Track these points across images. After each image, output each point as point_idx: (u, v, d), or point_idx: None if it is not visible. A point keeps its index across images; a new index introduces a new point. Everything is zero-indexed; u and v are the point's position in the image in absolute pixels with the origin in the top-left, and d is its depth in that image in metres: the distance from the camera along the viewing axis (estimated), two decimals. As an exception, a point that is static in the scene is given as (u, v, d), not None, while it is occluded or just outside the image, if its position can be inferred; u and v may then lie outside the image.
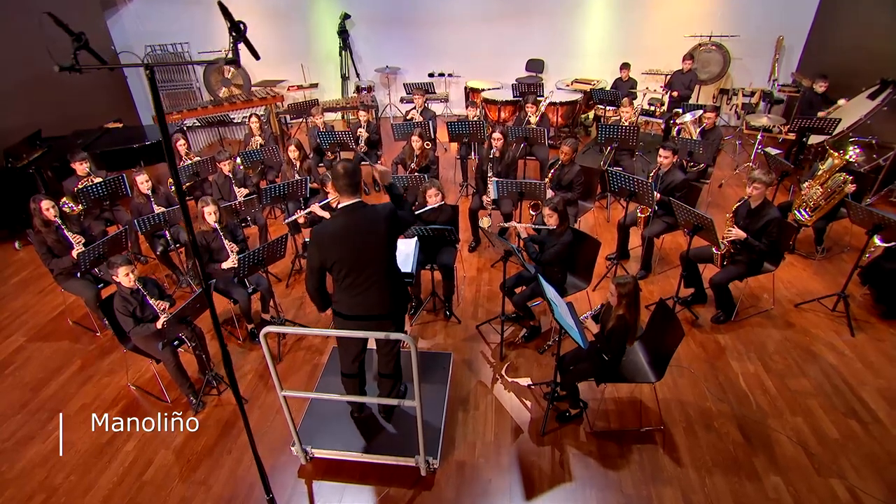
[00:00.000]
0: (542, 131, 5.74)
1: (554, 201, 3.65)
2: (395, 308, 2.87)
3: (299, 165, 5.21)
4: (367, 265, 2.70)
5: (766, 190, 3.78)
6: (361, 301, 2.77)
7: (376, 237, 2.66)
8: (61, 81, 7.09)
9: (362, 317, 2.80)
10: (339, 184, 2.60)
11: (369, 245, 2.66)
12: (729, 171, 6.77)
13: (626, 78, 7.55)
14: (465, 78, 9.10)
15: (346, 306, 2.83)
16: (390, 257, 2.78)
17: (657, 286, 4.66)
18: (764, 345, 3.93)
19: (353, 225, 2.62)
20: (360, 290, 2.74)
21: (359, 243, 2.64)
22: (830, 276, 4.69)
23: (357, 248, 2.65)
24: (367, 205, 2.67)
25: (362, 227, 2.63)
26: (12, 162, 5.78)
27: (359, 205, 2.63)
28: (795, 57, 7.92)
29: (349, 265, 2.67)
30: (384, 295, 2.78)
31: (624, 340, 2.98)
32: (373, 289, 2.74)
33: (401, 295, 2.91)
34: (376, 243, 2.67)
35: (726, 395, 3.51)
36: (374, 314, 2.80)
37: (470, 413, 3.46)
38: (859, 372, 3.65)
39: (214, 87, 8.83)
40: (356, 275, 2.70)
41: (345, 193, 2.61)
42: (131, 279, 3.38)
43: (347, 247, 2.63)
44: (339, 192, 2.64)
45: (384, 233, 2.67)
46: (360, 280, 2.71)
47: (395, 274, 2.84)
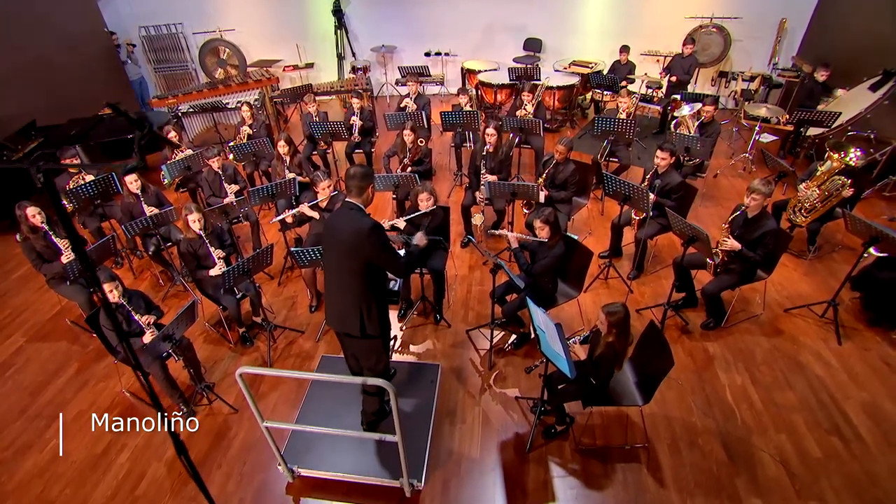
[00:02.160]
0: (537, 122, 5.34)
1: (545, 213, 3.36)
2: (356, 328, 2.66)
3: (289, 161, 4.87)
4: (331, 265, 2.68)
5: (764, 201, 3.47)
6: (327, 297, 2.74)
7: (338, 242, 2.57)
8: (55, 67, 6.68)
9: (339, 333, 2.76)
10: (348, 182, 2.58)
11: (334, 245, 2.62)
12: (725, 160, 6.39)
13: (624, 61, 7.05)
14: (462, 57, 8.58)
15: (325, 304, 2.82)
16: (353, 270, 2.57)
17: (649, 287, 4.43)
18: (752, 354, 3.73)
19: (336, 218, 2.64)
20: (328, 286, 2.72)
21: (330, 239, 2.64)
22: (821, 277, 4.43)
23: (328, 243, 2.66)
24: (356, 210, 2.57)
25: (338, 225, 2.58)
26: (7, 155, 5.45)
27: (349, 206, 2.57)
28: (797, 40, 7.34)
29: (325, 257, 2.75)
30: (340, 304, 2.66)
31: (612, 368, 2.78)
32: (332, 289, 2.69)
33: (363, 315, 2.65)
34: (338, 248, 2.59)
35: (712, 409, 3.34)
36: (336, 328, 2.76)
37: (457, 426, 3.30)
38: (844, 384, 3.47)
39: (210, 69, 8.33)
40: (326, 270, 2.72)
41: (350, 193, 2.59)
42: (115, 295, 3.17)
43: (327, 238, 2.65)
44: (346, 190, 2.61)
45: (346, 242, 2.53)
46: (328, 277, 2.71)
47: (357, 290, 2.61)
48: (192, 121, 6.94)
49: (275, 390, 3.64)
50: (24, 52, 6.33)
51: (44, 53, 6.56)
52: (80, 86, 7.02)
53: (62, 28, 6.88)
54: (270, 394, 3.62)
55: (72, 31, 7.03)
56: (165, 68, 8.48)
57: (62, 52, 6.83)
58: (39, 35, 6.55)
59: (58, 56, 6.75)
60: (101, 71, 7.47)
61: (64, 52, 6.85)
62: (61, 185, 4.80)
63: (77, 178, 4.78)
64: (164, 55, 8.39)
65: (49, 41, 6.66)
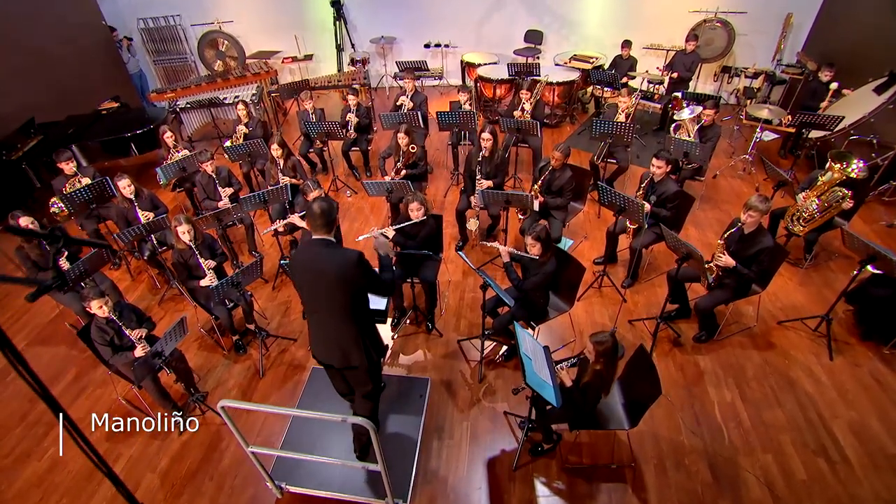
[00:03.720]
0: (534, 124, 5.14)
1: (536, 230, 3.23)
2: (360, 360, 2.58)
3: (283, 164, 4.73)
4: (319, 305, 2.52)
5: (760, 217, 3.32)
6: (322, 340, 2.59)
7: (327, 281, 2.41)
8: (53, 61, 6.48)
9: (328, 365, 2.61)
10: (313, 222, 2.39)
11: (321, 286, 2.44)
12: (725, 160, 6.17)
13: (626, 56, 6.76)
14: (462, 49, 8.28)
15: (313, 342, 2.65)
16: (346, 305, 2.47)
17: (643, 296, 4.31)
18: (743, 369, 3.63)
19: (312, 261, 2.43)
20: (319, 327, 2.57)
21: (312, 281, 2.46)
22: (816, 287, 4.30)
23: (311, 285, 2.48)
24: (332, 246, 2.43)
25: (318, 265, 2.41)
26: (6, 154, 5.32)
27: (324, 243, 2.40)
28: (803, 36, 6.98)
29: (307, 298, 2.55)
30: (341, 342, 2.53)
31: (599, 395, 2.69)
32: (328, 330, 2.53)
33: (365, 345, 2.58)
34: (327, 287, 2.43)
35: (700, 427, 3.26)
36: (337, 365, 2.59)
37: (445, 442, 3.25)
38: (833, 403, 3.38)
39: (209, 61, 8.09)
40: (313, 311, 2.55)
41: (317, 231, 2.41)
42: (105, 311, 3.09)
43: (306, 280, 2.48)
44: (311, 229, 2.43)
45: (334, 279, 2.38)
46: (319, 318, 2.55)
47: (358, 316, 2.53)
48: (191, 116, 6.76)
49: (266, 400, 3.60)
50: (21, 47, 6.13)
51: (41, 47, 6.35)
52: (79, 80, 6.83)
53: (59, 21, 6.65)
54: (263, 403, 3.58)
55: (69, 24, 6.79)
56: (165, 60, 8.24)
57: (60, 45, 6.61)
58: (36, 28, 6.34)
59: (56, 50, 6.54)
60: (99, 64, 7.25)
61: (61, 45, 6.64)
62: (57, 187, 4.69)
63: (73, 180, 4.67)
64: (162, 47, 8.15)
65: (46, 35, 6.44)
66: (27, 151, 5.42)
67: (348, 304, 2.46)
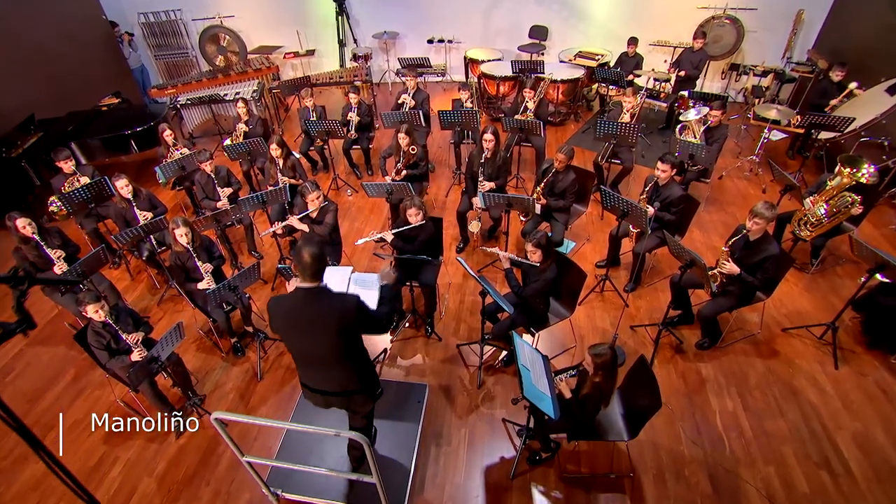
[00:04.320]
0: (537, 124, 5.07)
1: (537, 237, 3.18)
2: (360, 386, 2.50)
3: (282, 164, 4.69)
4: (315, 355, 2.35)
5: (766, 225, 3.25)
6: (318, 377, 2.44)
7: (322, 335, 2.22)
8: (52, 57, 6.45)
9: (325, 392, 2.48)
10: (302, 270, 2.12)
11: (317, 339, 2.25)
12: (731, 160, 6.07)
13: (632, 53, 6.64)
14: (465, 45, 8.17)
15: (305, 378, 2.51)
16: (347, 348, 2.32)
17: (645, 301, 4.26)
18: (746, 377, 3.58)
19: (303, 313, 2.20)
20: (313, 371, 2.41)
21: (307, 332, 2.25)
22: (822, 294, 4.22)
23: (305, 337, 2.27)
24: (325, 294, 2.18)
25: (312, 318, 2.20)
26: (6, 151, 5.31)
27: (315, 292, 2.16)
28: (814, 33, 6.83)
29: (298, 349, 2.34)
30: (342, 376, 2.42)
31: (598, 407, 2.65)
32: (328, 371, 2.40)
33: (365, 373, 2.51)
34: (321, 340, 2.24)
35: (701, 437, 3.22)
36: (336, 391, 2.47)
37: (442, 448, 3.23)
38: (837, 413, 3.32)
39: (211, 56, 8.03)
40: (306, 359, 2.37)
41: (305, 279, 2.15)
42: (101, 315, 3.08)
43: (296, 332, 2.26)
44: (298, 274, 2.16)
45: (335, 332, 2.20)
46: (313, 363, 2.38)
47: (355, 357, 2.43)
48: (191, 112, 6.73)
49: (264, 404, 3.59)
50: (22, 43, 6.10)
51: (41, 43, 6.32)
52: (80, 76, 6.81)
53: (60, 16, 6.61)
54: (260, 407, 3.57)
55: (70, 19, 6.76)
56: (166, 55, 8.20)
57: (60, 40, 6.58)
58: (36, 24, 6.31)
59: (56, 45, 6.51)
60: (100, 60, 7.21)
61: (62, 40, 6.61)
62: (56, 186, 4.67)
63: (72, 179, 4.65)
64: (163, 41, 8.09)
65: (46, 30, 6.41)
66: (27, 149, 5.40)
67: (344, 348, 2.31)
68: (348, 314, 2.17)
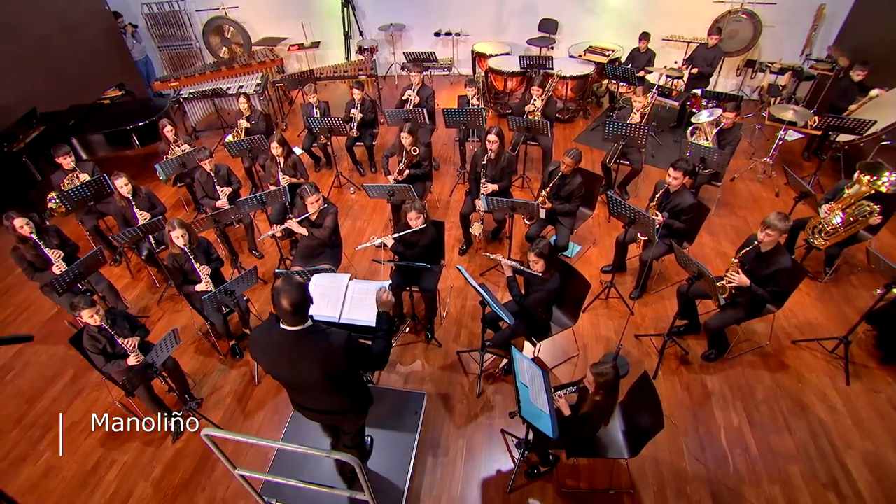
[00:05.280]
0: (544, 123, 4.95)
1: (540, 246, 3.09)
2: (354, 405, 2.45)
3: (283, 162, 4.62)
4: (301, 386, 2.30)
5: (779, 237, 3.13)
6: (306, 400, 2.40)
7: (310, 375, 2.13)
8: (55, 49, 6.41)
9: (318, 411, 2.43)
10: (283, 316, 1.99)
11: (303, 377, 2.18)
12: (744, 161, 5.91)
13: (643, 49, 6.47)
14: (473, 38, 8.01)
15: (293, 398, 2.47)
16: (337, 381, 2.23)
17: (651, 308, 4.17)
18: (753, 391, 3.50)
19: (286, 354, 2.09)
20: (301, 395, 2.38)
21: (291, 370, 2.17)
22: (835, 304, 4.11)
23: (290, 374, 2.20)
24: (312, 336, 2.03)
25: (297, 359, 2.09)
26: (7, 145, 5.29)
27: (298, 335, 2.01)
28: (835, 28, 6.58)
29: (282, 380, 2.31)
30: (332, 401, 2.36)
31: (598, 426, 2.59)
32: (316, 398, 2.35)
33: (358, 392, 2.45)
34: (312, 378, 2.15)
35: (704, 453, 3.15)
36: (328, 410, 2.43)
37: (439, 459, 3.19)
38: (847, 431, 3.23)
39: (215, 48, 7.95)
40: (292, 386, 2.34)
41: (287, 322, 2.02)
42: (96, 320, 3.05)
43: (281, 369, 2.19)
44: (280, 317, 2.02)
45: (322, 374, 2.11)
46: (299, 390, 2.34)
47: (347, 385, 2.35)
48: (194, 106, 6.67)
49: (261, 408, 3.57)
50: (23, 34, 6.06)
51: (44, 35, 6.28)
52: (83, 68, 6.77)
53: (62, 6, 6.55)
54: (257, 412, 3.55)
55: (73, 10, 6.70)
56: (169, 47, 8.13)
57: (63, 32, 6.54)
58: (38, 14, 6.26)
59: (59, 37, 6.47)
60: (104, 51, 7.16)
61: (65, 32, 6.56)
62: (56, 182, 4.65)
63: (72, 175, 4.63)
64: (167, 32, 8.02)
65: (49, 21, 6.36)
66: (29, 143, 5.38)
67: (333, 384, 2.22)
68: (336, 358, 2.05)
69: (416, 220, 3.57)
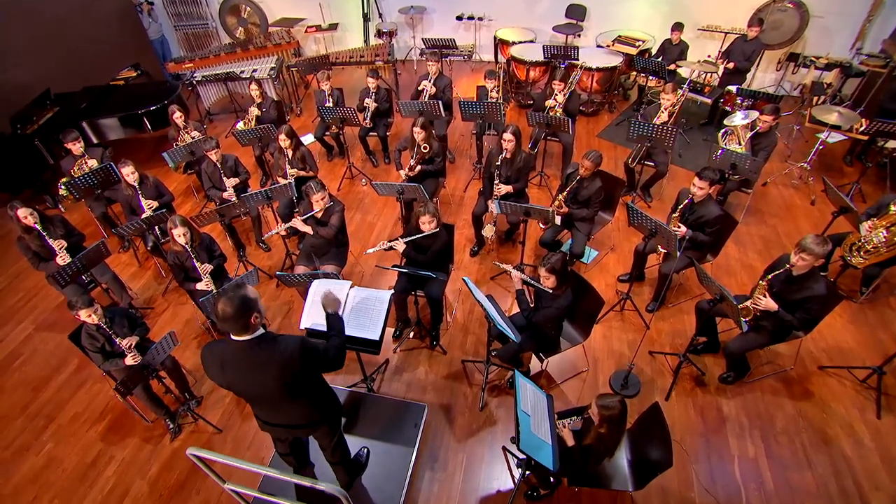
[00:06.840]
0: (565, 120, 4.71)
1: (552, 261, 2.93)
2: (322, 416, 2.40)
3: (291, 155, 4.52)
4: (261, 398, 2.25)
5: (815, 262, 2.90)
6: (271, 413, 2.35)
7: (270, 385, 2.08)
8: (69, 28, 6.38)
9: (284, 425, 2.39)
10: (226, 327, 1.94)
11: (259, 390, 2.15)
12: (779, 164, 5.57)
13: (676, 41, 6.09)
14: (497, 22, 7.71)
15: (258, 413, 2.41)
16: (297, 388, 2.17)
17: (668, 323, 3.98)
18: (772, 419, 3.31)
19: (239, 366, 2.04)
20: (265, 408, 2.33)
21: (246, 381, 2.11)
22: (870, 328, 3.85)
23: (247, 386, 2.15)
24: (263, 345, 1.99)
25: (249, 370, 2.04)
26: (21, 127, 5.31)
27: (250, 344, 1.97)
28: (893, 20, 6.07)
29: (244, 397, 2.28)
30: (298, 412, 2.32)
31: (601, 460, 2.47)
32: (279, 409, 2.30)
33: (323, 401, 2.40)
34: (268, 388, 2.10)
35: (715, 484, 3.01)
36: (298, 424, 2.39)
37: (437, 474, 3.12)
38: (875, 471, 3.04)
39: (231, 28, 7.83)
40: (252, 399, 2.30)
41: (234, 333, 1.97)
42: (94, 319, 3.04)
43: (236, 381, 2.12)
44: (226, 331, 1.98)
45: (279, 383, 2.07)
46: (260, 403, 2.31)
47: (309, 391, 2.30)
48: (208, 89, 6.60)
49: (259, 411, 3.55)
50: (38, 13, 6.02)
51: (58, 14, 6.23)
52: (98, 47, 6.73)
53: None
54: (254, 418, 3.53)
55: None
56: (186, 26, 8.03)
57: (78, 11, 6.49)
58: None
59: (73, 16, 6.43)
60: (119, 30, 7.11)
61: (79, 11, 6.51)
62: (66, 168, 4.64)
63: (81, 161, 4.61)
64: (184, 11, 7.92)
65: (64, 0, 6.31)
66: (41, 126, 5.39)
67: (293, 391, 2.17)
68: (291, 364, 2.01)
69: (429, 223, 3.44)
